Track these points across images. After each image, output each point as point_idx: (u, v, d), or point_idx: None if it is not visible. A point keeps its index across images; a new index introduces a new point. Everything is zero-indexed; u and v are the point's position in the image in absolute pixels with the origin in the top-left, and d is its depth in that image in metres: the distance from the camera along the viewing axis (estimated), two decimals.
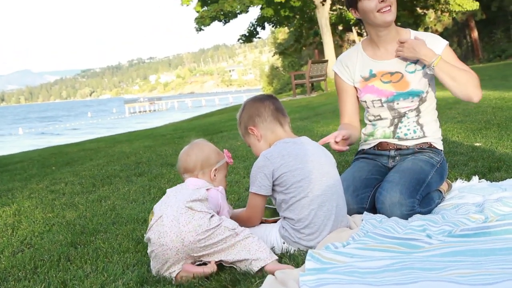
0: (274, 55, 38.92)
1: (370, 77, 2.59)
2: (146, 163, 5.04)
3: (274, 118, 2.16)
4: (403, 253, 1.83)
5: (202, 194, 1.95)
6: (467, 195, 2.53)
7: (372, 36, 2.58)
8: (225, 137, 6.81)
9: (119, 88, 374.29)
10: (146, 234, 1.94)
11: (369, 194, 2.44)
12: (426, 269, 1.59)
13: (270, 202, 2.26)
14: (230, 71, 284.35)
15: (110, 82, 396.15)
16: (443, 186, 2.62)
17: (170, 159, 5.06)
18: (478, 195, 2.49)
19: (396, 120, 2.58)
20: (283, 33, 42.75)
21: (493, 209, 2.13)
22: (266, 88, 41.74)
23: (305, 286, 1.55)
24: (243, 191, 3.24)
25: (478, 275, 1.47)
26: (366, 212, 2.33)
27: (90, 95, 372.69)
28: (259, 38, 28.09)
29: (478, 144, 3.87)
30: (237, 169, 4.04)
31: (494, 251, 1.70)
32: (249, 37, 26.69)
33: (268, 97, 2.25)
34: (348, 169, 2.67)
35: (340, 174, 2.23)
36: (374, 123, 2.65)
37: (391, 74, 2.55)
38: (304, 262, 1.79)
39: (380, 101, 2.56)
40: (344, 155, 3.88)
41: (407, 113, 2.55)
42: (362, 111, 2.73)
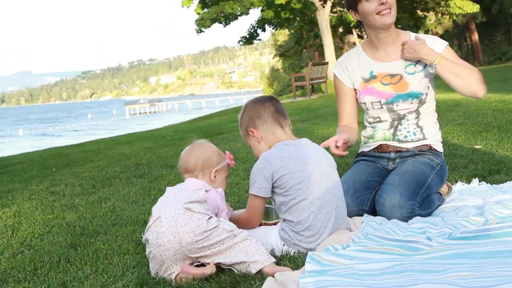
0: (275, 57, 38.95)
1: (370, 78, 2.59)
2: (146, 165, 5.04)
3: (274, 120, 2.16)
4: (403, 255, 1.83)
5: (200, 195, 1.95)
6: (467, 198, 2.53)
7: (371, 38, 2.58)
8: (225, 138, 6.81)
9: (120, 89, 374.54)
10: (144, 234, 1.94)
11: (369, 196, 2.44)
12: (426, 271, 1.59)
13: (270, 202, 2.26)
14: (231, 73, 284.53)
15: (111, 84, 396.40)
16: (443, 188, 2.62)
17: (170, 161, 5.06)
18: (478, 198, 2.49)
19: (396, 122, 2.57)
20: (284, 35, 42.76)
21: (493, 211, 2.13)
22: (267, 90, 41.71)
23: None
24: (243, 193, 3.24)
25: (478, 278, 1.48)
26: (366, 214, 2.33)
27: (91, 97, 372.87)
28: (260, 40, 28.14)
29: (478, 146, 3.87)
30: (237, 171, 4.04)
31: (494, 254, 1.70)
32: (249, 39, 26.71)
33: (269, 98, 2.24)
34: (348, 171, 2.67)
35: (340, 176, 2.23)
36: (374, 126, 2.64)
37: (392, 76, 2.55)
38: (304, 264, 1.79)
39: (379, 102, 2.56)
40: (344, 157, 3.86)
41: (407, 115, 2.55)
42: (361, 113, 2.73)
